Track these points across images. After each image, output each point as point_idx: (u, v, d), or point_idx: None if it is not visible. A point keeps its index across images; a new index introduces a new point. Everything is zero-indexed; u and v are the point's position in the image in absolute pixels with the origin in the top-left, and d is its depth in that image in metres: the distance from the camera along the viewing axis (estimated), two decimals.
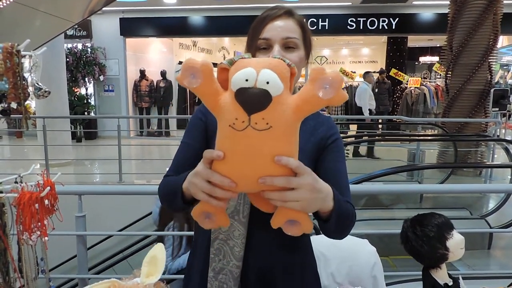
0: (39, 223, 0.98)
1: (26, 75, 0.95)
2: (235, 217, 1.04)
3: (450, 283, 1.32)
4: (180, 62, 11.19)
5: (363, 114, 8.30)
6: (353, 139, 8.01)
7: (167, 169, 1.14)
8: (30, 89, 0.97)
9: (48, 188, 1.00)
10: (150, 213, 4.94)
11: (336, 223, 0.91)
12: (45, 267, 1.06)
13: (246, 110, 0.72)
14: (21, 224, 0.97)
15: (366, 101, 8.27)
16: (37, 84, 0.98)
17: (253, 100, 0.71)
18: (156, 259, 0.97)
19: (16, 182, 1.04)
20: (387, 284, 1.92)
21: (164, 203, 1.08)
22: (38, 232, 0.99)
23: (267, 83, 0.72)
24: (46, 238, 1.05)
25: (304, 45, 1.10)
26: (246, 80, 0.72)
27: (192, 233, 2.51)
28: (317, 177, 0.83)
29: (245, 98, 0.72)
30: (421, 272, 1.39)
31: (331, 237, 1.04)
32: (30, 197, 0.95)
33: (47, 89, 1.00)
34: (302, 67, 1.12)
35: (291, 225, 0.82)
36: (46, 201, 0.99)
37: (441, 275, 1.31)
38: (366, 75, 8.69)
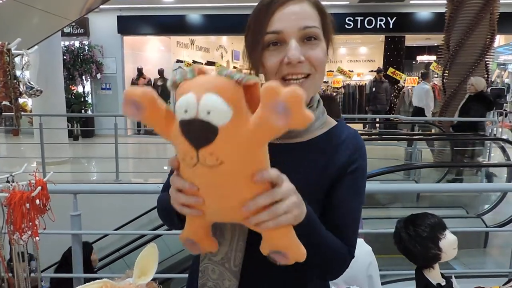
0: (30, 223, 0.97)
1: (18, 73, 0.94)
2: (226, 264, 0.86)
3: (443, 283, 1.32)
4: (178, 61, 11.17)
5: (423, 115, 7.98)
6: None
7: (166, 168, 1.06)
8: (22, 87, 0.96)
9: (39, 188, 0.99)
10: (146, 212, 4.94)
11: (307, 243, 0.73)
12: (36, 266, 1.05)
13: (192, 144, 0.62)
14: (11, 224, 0.96)
15: (429, 102, 8.08)
16: (29, 83, 0.98)
17: (195, 134, 0.61)
18: (149, 259, 0.96)
19: (8, 182, 1.03)
20: (382, 283, 1.92)
21: (162, 220, 0.97)
22: (29, 232, 0.98)
23: (208, 113, 0.59)
24: (37, 238, 1.04)
25: (324, 35, 0.87)
26: (186, 111, 0.61)
27: None
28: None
29: (187, 132, 0.62)
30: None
31: (314, 273, 0.88)
32: (21, 196, 0.94)
33: (39, 88, 1.00)
34: (325, 64, 0.89)
35: (277, 256, 0.73)
36: (38, 201, 0.98)
37: (434, 275, 1.32)
38: (426, 74, 8.48)
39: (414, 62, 15.66)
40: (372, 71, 12.95)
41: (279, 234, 0.71)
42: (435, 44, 12.62)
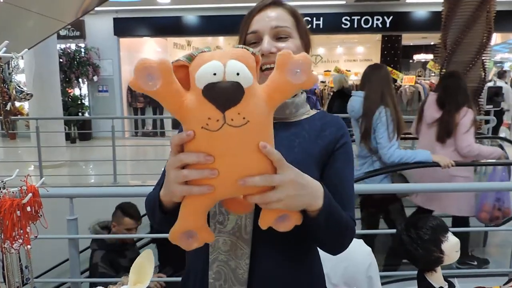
0: (22, 231, 0.95)
1: (8, 77, 0.93)
2: (237, 233, 0.91)
3: (446, 286, 1.30)
4: None
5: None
6: None
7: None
8: (12, 91, 0.94)
9: (30, 194, 0.97)
10: (144, 215, 4.91)
11: (326, 225, 0.83)
12: (29, 275, 1.03)
13: (219, 106, 0.65)
14: (1, 233, 0.94)
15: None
16: (19, 86, 0.96)
17: (226, 94, 0.65)
18: (144, 266, 0.94)
19: None
20: (382, 284, 1.91)
21: (150, 220, 0.96)
22: (21, 240, 0.96)
23: (237, 74, 0.65)
24: (29, 246, 1.02)
25: (300, 35, 1.00)
26: (214, 74, 0.65)
27: None
28: (300, 172, 0.76)
29: (216, 94, 0.64)
30: (416, 271, 1.37)
31: (325, 249, 0.95)
32: (11, 204, 0.92)
33: (29, 92, 0.98)
34: None
35: (281, 221, 0.77)
36: (29, 208, 0.96)
37: (436, 278, 1.30)
38: (504, 74, 8.42)
39: (411, 61, 15.69)
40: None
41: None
42: (432, 43, 12.65)
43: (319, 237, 0.89)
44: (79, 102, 10.44)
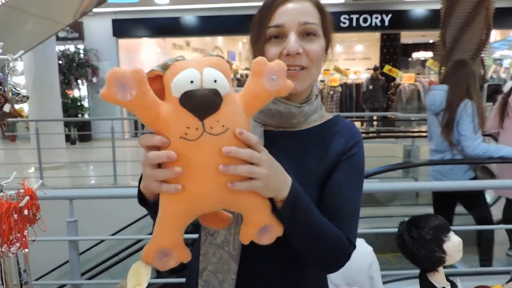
0: (19, 234, 0.94)
1: (5, 79, 0.92)
2: (225, 248, 0.89)
3: (448, 287, 1.29)
4: None
5: None
6: None
7: None
8: (8, 94, 0.94)
9: (27, 198, 0.96)
10: (145, 215, 4.91)
11: (291, 223, 0.78)
12: (28, 278, 1.03)
13: (198, 114, 0.63)
14: None
15: None
16: (15, 89, 0.95)
17: (205, 102, 0.63)
18: (142, 269, 0.93)
19: None
20: (384, 283, 1.90)
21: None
22: (18, 244, 0.95)
23: (215, 81, 0.64)
24: (27, 250, 1.01)
25: (324, 33, 0.91)
26: (191, 81, 0.63)
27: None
28: (272, 157, 0.75)
29: (195, 102, 0.63)
30: (417, 270, 1.36)
31: (311, 264, 0.90)
32: (8, 207, 0.91)
33: (25, 94, 0.97)
34: (322, 61, 0.94)
35: (263, 233, 0.76)
36: (26, 211, 0.95)
37: (438, 278, 1.29)
38: None
39: (410, 59, 15.66)
40: (368, 69, 12.93)
41: (260, 210, 0.74)
42: (431, 41, 12.63)
43: (292, 240, 0.83)
44: (79, 104, 10.43)
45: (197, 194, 0.67)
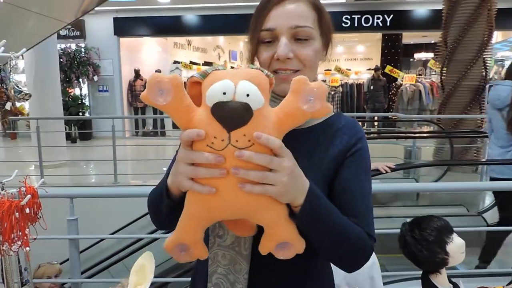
0: (20, 233, 0.94)
1: (7, 76, 0.92)
2: (236, 248, 0.88)
3: None
4: (175, 62, 11.14)
5: None
6: None
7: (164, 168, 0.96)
8: (10, 92, 0.93)
9: (29, 196, 0.96)
10: (146, 214, 4.91)
11: (312, 228, 0.78)
12: (28, 277, 1.02)
13: (225, 126, 0.65)
14: (0, 235, 0.93)
15: None
16: (17, 86, 0.95)
17: (233, 115, 0.64)
18: (145, 268, 0.93)
19: None
20: (384, 284, 1.90)
21: (151, 215, 0.93)
22: (19, 242, 0.95)
23: (247, 95, 0.65)
24: (28, 248, 1.01)
25: (320, 34, 0.90)
26: (224, 93, 0.65)
27: None
28: (296, 163, 0.74)
29: (223, 113, 0.65)
30: (418, 271, 1.36)
31: (333, 263, 0.89)
32: (10, 206, 0.91)
33: (27, 92, 0.97)
34: (318, 61, 0.94)
35: (281, 249, 0.76)
36: (27, 210, 0.95)
37: (441, 280, 1.28)
38: None
39: (411, 59, 15.64)
40: (369, 69, 12.92)
41: (280, 226, 0.74)
42: (432, 42, 12.61)
43: (315, 243, 0.82)
44: (80, 102, 10.43)
45: (216, 202, 0.69)
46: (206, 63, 12.13)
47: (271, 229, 0.75)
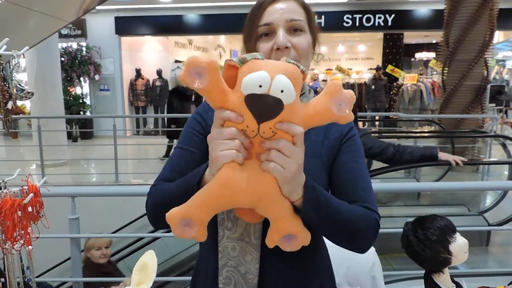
0: (23, 231, 0.94)
1: (9, 75, 0.91)
2: (246, 239, 0.92)
3: None
4: (176, 61, 11.13)
5: None
6: None
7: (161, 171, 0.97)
8: (12, 90, 0.93)
9: (31, 194, 0.96)
10: (146, 214, 4.90)
11: (317, 218, 0.82)
12: (31, 275, 1.02)
13: (256, 118, 0.69)
14: (2, 233, 0.93)
15: None
16: (19, 85, 0.95)
17: (266, 109, 0.68)
18: (147, 267, 0.93)
19: None
20: (386, 283, 1.89)
21: (159, 216, 0.84)
22: (22, 241, 0.95)
23: (282, 91, 0.68)
24: (30, 247, 1.01)
25: (310, 31, 0.99)
26: (260, 86, 0.67)
27: None
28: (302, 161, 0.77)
29: (257, 107, 0.68)
30: (419, 271, 1.36)
31: (344, 247, 0.93)
32: (12, 204, 0.91)
33: (30, 90, 0.97)
34: (310, 55, 1.02)
35: (287, 241, 0.79)
36: (30, 208, 0.95)
37: (443, 279, 1.28)
38: None
39: (412, 59, 15.63)
40: (371, 68, 12.91)
41: (286, 219, 0.77)
42: (434, 41, 12.60)
43: (322, 232, 0.89)
44: (81, 101, 10.43)
45: (241, 185, 0.72)
46: None
47: (277, 221, 0.78)
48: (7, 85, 0.90)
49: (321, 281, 1.01)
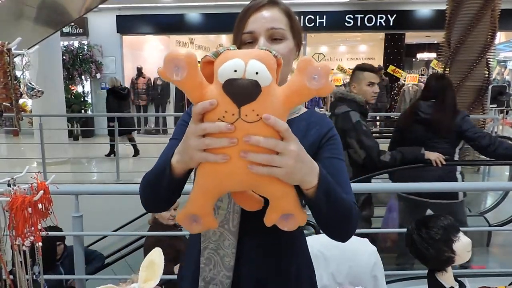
0: (33, 228, 0.95)
1: (18, 74, 0.92)
2: (225, 226, 1.00)
3: (456, 287, 1.29)
4: None
5: None
6: None
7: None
8: (23, 88, 0.94)
9: (42, 192, 0.97)
10: (146, 213, 4.92)
11: (328, 205, 0.85)
12: (39, 271, 1.03)
13: (236, 101, 0.70)
14: (13, 229, 0.94)
15: None
16: (30, 83, 0.96)
17: (243, 91, 0.69)
18: (154, 264, 0.94)
19: (9, 185, 1.01)
20: (387, 283, 1.90)
21: (146, 196, 0.99)
22: (32, 237, 0.96)
23: (256, 73, 0.70)
24: (40, 243, 1.02)
25: (293, 35, 1.04)
26: (235, 71, 0.70)
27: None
28: (302, 147, 0.79)
29: (234, 89, 0.69)
30: (421, 270, 1.37)
31: (332, 235, 0.97)
32: (23, 201, 0.92)
33: (40, 89, 0.98)
34: (293, 59, 1.07)
35: (285, 220, 0.81)
36: (40, 205, 0.96)
37: (447, 278, 1.29)
38: None
39: (414, 59, 15.64)
40: None
41: (285, 198, 0.79)
42: (435, 42, 12.59)
43: (325, 220, 0.91)
44: (82, 99, 10.45)
45: (225, 172, 0.74)
46: None
47: (275, 201, 0.80)
48: (18, 84, 0.91)
49: (298, 267, 1.07)
